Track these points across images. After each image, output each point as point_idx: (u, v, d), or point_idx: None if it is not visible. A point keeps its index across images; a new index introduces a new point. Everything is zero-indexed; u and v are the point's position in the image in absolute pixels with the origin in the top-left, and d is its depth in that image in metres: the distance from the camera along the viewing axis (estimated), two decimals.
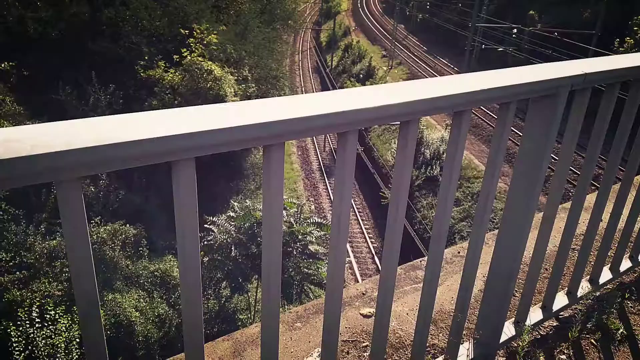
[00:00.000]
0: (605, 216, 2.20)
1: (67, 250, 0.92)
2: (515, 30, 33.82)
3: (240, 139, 0.97)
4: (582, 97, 1.66)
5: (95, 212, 15.38)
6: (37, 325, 10.10)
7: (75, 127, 0.85)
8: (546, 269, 2.48)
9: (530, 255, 1.99)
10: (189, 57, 19.76)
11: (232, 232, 13.75)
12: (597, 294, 2.38)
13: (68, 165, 0.80)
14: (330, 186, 27.35)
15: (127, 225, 15.38)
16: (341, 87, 40.60)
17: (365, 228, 23.88)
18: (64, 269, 12.95)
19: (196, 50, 20.18)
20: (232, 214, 14.55)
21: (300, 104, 1.10)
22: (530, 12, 35.92)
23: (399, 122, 1.28)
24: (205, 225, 13.96)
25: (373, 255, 21.58)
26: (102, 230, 14.55)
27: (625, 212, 2.29)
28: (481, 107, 26.30)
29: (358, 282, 19.77)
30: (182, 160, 0.95)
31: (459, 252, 2.76)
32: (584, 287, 2.29)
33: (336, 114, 1.09)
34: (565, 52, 27.09)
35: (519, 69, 1.54)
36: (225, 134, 0.94)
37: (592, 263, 2.37)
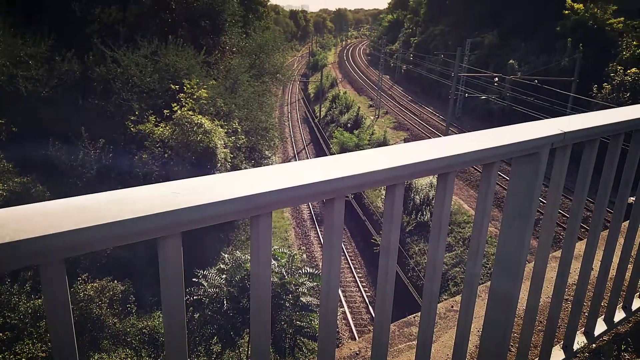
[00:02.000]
0: (596, 264, 2.20)
1: (48, 328, 0.90)
2: (496, 79, 34.95)
3: (227, 213, 0.98)
4: (563, 154, 1.71)
5: (82, 269, 15.07)
6: None
7: (59, 208, 0.85)
8: (540, 322, 2.45)
9: (524, 308, 1.97)
10: (179, 112, 20.05)
11: (223, 286, 13.48)
12: (594, 346, 2.35)
13: (53, 248, 0.79)
14: (321, 234, 27.18)
15: (115, 281, 15.04)
16: (330, 137, 41.19)
17: (358, 276, 23.56)
18: None
19: (186, 105, 20.50)
20: (222, 266, 14.32)
21: (286, 173, 1.11)
22: (510, 61, 37.30)
23: None
24: (195, 279, 13.70)
25: (367, 304, 21.18)
26: (89, 287, 14.21)
27: (615, 260, 2.30)
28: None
29: (352, 331, 19.28)
30: (168, 236, 0.94)
31: (452, 307, 2.73)
32: (579, 340, 2.26)
33: (323, 183, 1.10)
34: (546, 98, 27.94)
35: (501, 130, 1.58)
36: (213, 209, 0.94)
37: (587, 314, 2.35)
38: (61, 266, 0.84)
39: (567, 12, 35.72)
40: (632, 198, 2.36)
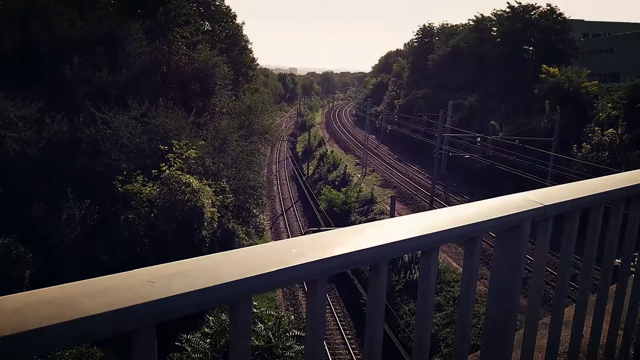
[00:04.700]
0: (586, 331, 2.15)
1: None
2: (479, 139, 35.85)
3: (205, 302, 0.94)
4: (545, 227, 1.71)
5: None
6: None
7: (29, 301, 0.81)
8: None
9: None
10: (167, 171, 20.07)
11: (207, 351, 12.95)
12: None
13: (20, 349, 0.74)
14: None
15: (95, 347, 14.41)
16: (317, 194, 41.31)
17: (347, 337, 22.85)
18: None
19: (175, 164, 20.57)
20: (206, 330, 13.83)
21: (266, 255, 1.09)
22: (492, 122, 38.48)
23: None
24: (177, 344, 13.16)
25: None
26: (67, 354, 13.59)
27: (605, 326, 2.26)
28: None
29: None
30: (143, 328, 0.90)
31: None
32: None
33: (305, 265, 1.08)
34: (527, 157, 28.58)
35: (483, 204, 1.59)
36: (190, 298, 0.90)
37: None
38: None
39: (543, 75, 37.42)
40: (618, 260, 2.36)
